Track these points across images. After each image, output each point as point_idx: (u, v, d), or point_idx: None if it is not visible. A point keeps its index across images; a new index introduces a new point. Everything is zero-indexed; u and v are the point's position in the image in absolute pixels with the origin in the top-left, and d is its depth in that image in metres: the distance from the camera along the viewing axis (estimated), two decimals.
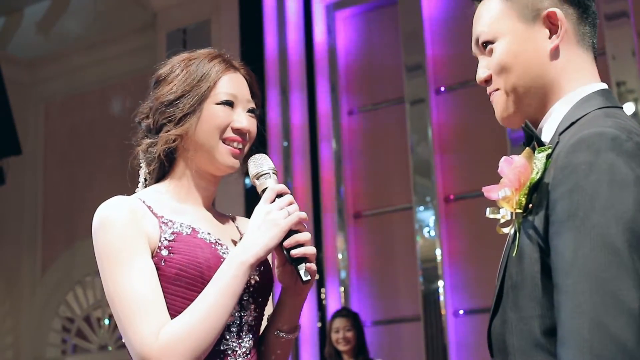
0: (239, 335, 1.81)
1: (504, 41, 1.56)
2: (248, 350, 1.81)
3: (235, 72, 1.95)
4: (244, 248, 1.74)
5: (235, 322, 1.81)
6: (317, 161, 6.53)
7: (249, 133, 1.90)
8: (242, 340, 1.81)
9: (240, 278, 1.72)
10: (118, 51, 8.17)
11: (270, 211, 1.76)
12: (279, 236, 1.74)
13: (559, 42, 1.54)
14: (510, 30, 1.55)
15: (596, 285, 1.27)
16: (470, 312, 5.92)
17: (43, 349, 8.35)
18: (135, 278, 1.71)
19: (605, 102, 1.50)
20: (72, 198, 8.20)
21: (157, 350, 1.65)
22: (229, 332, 1.79)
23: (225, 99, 1.88)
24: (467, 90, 6.19)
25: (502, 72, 1.56)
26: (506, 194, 1.44)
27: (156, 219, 1.80)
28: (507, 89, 1.56)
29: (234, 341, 1.80)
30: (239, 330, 1.81)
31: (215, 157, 1.87)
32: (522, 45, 1.55)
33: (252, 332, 1.83)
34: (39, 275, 8.41)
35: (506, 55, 1.55)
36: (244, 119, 1.89)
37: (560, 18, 1.53)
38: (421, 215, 6.12)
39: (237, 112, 1.90)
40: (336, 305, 6.20)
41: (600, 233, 1.29)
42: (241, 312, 1.82)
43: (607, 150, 1.33)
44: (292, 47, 6.76)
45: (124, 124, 8.41)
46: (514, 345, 1.42)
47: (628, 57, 5.54)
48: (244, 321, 1.82)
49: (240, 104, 1.91)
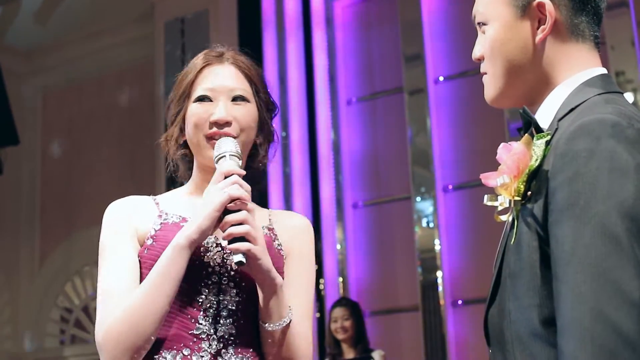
0: (215, 320, 1.77)
1: (493, 26, 1.54)
2: (228, 334, 1.77)
3: (221, 64, 1.92)
4: (181, 231, 1.75)
5: (212, 307, 1.77)
6: (315, 151, 6.52)
7: (235, 121, 1.87)
8: (219, 324, 1.77)
9: (176, 260, 1.72)
10: (116, 41, 8.15)
11: (209, 192, 1.75)
12: (212, 215, 1.71)
13: (546, 34, 1.50)
14: (499, 16, 1.53)
15: (597, 275, 1.25)
16: (469, 302, 5.92)
17: (42, 339, 8.35)
18: (109, 272, 1.79)
19: (605, 87, 1.47)
20: (70, 188, 8.19)
21: (101, 336, 1.72)
22: (204, 317, 1.77)
23: (200, 95, 1.89)
24: (465, 80, 6.17)
25: (490, 54, 1.54)
26: (504, 181, 1.41)
27: (157, 212, 1.86)
28: (496, 74, 1.54)
29: (210, 326, 1.76)
30: (216, 315, 1.77)
31: (202, 154, 1.88)
32: (509, 34, 1.52)
33: (233, 317, 1.78)
34: (37, 265, 8.41)
35: (493, 41, 1.53)
36: (222, 109, 1.86)
37: (549, 9, 1.49)
38: (420, 206, 6.12)
39: (216, 104, 1.88)
40: (335, 295, 6.20)
41: (601, 222, 1.27)
42: (219, 296, 1.78)
43: (607, 137, 1.31)
44: (290, 37, 6.74)
45: (122, 114, 8.40)
46: (512, 334, 1.40)
47: (627, 47, 5.53)
48: (222, 306, 1.78)
49: (220, 94, 1.88)
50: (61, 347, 8.39)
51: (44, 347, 8.34)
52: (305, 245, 1.94)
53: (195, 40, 6.98)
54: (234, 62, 1.93)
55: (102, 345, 1.72)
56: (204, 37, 6.88)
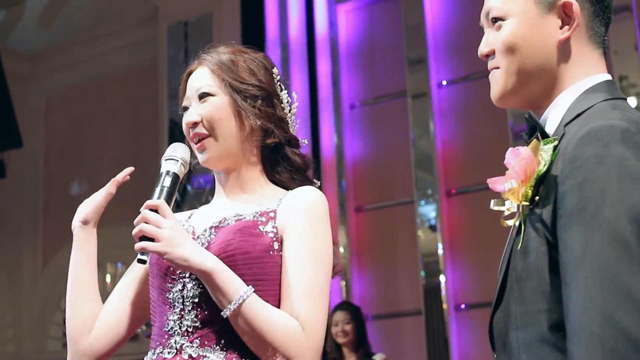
0: (181, 315, 1.77)
1: (514, 21, 1.51)
2: (192, 327, 1.75)
3: (198, 68, 1.97)
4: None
5: (178, 301, 1.78)
6: (318, 155, 6.52)
7: (204, 120, 1.89)
8: (184, 318, 1.77)
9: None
10: (119, 44, 8.15)
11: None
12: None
13: (569, 34, 1.50)
14: (523, 12, 1.51)
15: (607, 280, 1.25)
16: (472, 307, 5.91)
17: (44, 342, 8.35)
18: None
19: (610, 93, 1.48)
20: (73, 191, 8.20)
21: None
22: (172, 312, 1.78)
23: (183, 105, 1.95)
24: (468, 85, 6.17)
25: (507, 52, 1.52)
26: (512, 185, 1.41)
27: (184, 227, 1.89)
28: (510, 70, 1.52)
29: (176, 320, 1.77)
30: (181, 309, 1.78)
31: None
32: (532, 30, 1.50)
33: (197, 309, 1.76)
34: (40, 268, 8.41)
35: (514, 36, 1.51)
36: (189, 114, 1.92)
37: (575, 10, 1.49)
38: (423, 209, 6.11)
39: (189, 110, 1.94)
40: (337, 299, 6.20)
41: (611, 227, 1.27)
42: (183, 290, 1.78)
43: (617, 143, 1.31)
44: (294, 41, 6.74)
45: (125, 117, 8.38)
46: (519, 339, 1.39)
47: (630, 52, 5.53)
48: (186, 299, 1.78)
49: (192, 99, 1.93)
50: (63, 350, 8.34)
51: (46, 350, 8.34)
52: (300, 222, 1.81)
53: (199, 43, 6.92)
54: (206, 64, 1.96)
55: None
56: (207, 41, 6.80)
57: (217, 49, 2.00)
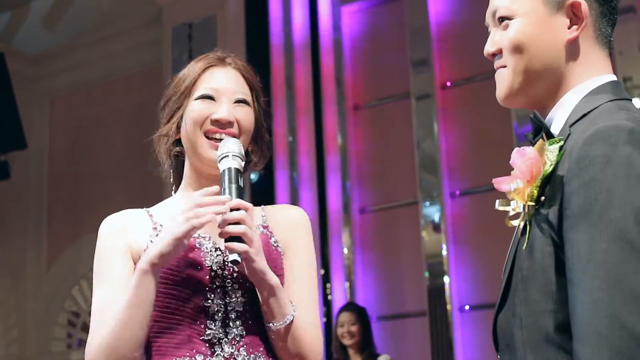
0: (224, 323, 1.79)
1: (522, 20, 1.51)
2: (239, 336, 1.79)
3: (223, 66, 1.95)
4: (146, 253, 1.76)
5: (220, 310, 1.79)
6: (322, 156, 6.52)
7: (238, 123, 1.89)
8: (230, 327, 1.79)
9: (142, 285, 1.73)
10: (124, 46, 8.16)
11: (174, 217, 1.76)
12: (173, 244, 1.72)
13: (577, 34, 1.50)
14: (531, 11, 1.50)
15: (614, 281, 1.25)
16: (476, 308, 5.91)
17: (48, 343, 8.36)
18: (102, 290, 1.83)
19: (616, 94, 1.47)
20: (77, 192, 8.20)
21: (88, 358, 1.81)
22: (212, 321, 1.78)
23: (203, 94, 1.90)
24: (473, 86, 6.17)
25: (515, 51, 1.51)
26: (518, 185, 1.41)
27: (151, 225, 1.87)
28: (517, 69, 1.51)
29: (219, 329, 1.78)
30: (224, 318, 1.79)
31: (198, 151, 1.89)
32: (540, 29, 1.50)
33: (242, 319, 1.80)
34: (44, 269, 8.42)
35: (522, 34, 1.50)
36: (225, 109, 1.88)
37: (584, 10, 1.49)
38: (427, 211, 6.11)
39: (219, 104, 1.89)
40: (342, 300, 6.20)
41: (618, 227, 1.27)
42: (225, 299, 1.80)
43: (624, 143, 1.31)
44: (298, 42, 6.75)
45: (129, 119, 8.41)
46: (524, 340, 1.39)
47: (635, 53, 5.53)
48: (230, 308, 1.80)
49: (224, 95, 1.90)
50: (68, 351, 8.39)
51: (50, 351, 8.35)
52: (302, 239, 1.93)
53: (203, 45, 6.98)
54: (236, 67, 1.96)
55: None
56: (212, 42, 6.89)
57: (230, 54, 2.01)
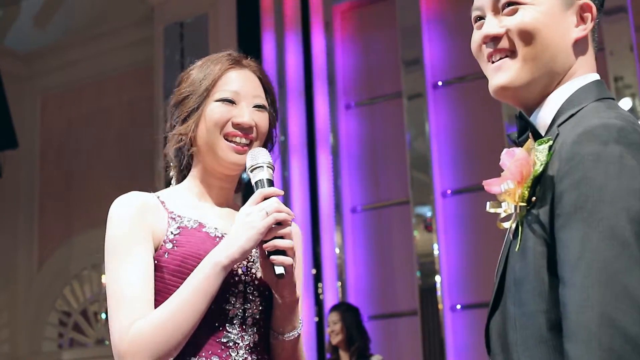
0: (242, 328, 1.80)
1: (538, 8, 1.48)
2: (252, 343, 1.81)
3: (242, 69, 1.95)
4: (220, 249, 1.75)
5: (238, 315, 1.80)
6: (314, 156, 6.52)
7: (256, 128, 1.90)
8: (246, 333, 1.80)
9: (213, 278, 1.72)
10: (115, 44, 8.15)
11: (250, 213, 1.75)
12: (255, 239, 1.72)
13: (585, 34, 1.51)
14: (547, 1, 1.49)
15: (605, 279, 1.24)
16: (468, 307, 5.92)
17: (40, 342, 8.34)
18: (126, 271, 1.76)
19: (601, 93, 1.48)
20: (69, 191, 8.18)
21: (126, 343, 1.69)
22: (231, 325, 1.79)
23: (224, 96, 1.90)
24: (464, 85, 6.18)
25: (526, 36, 1.48)
26: (509, 187, 1.40)
27: (167, 214, 1.85)
28: (527, 57, 1.48)
29: (236, 334, 1.79)
30: (242, 323, 1.80)
31: (217, 154, 1.89)
32: (553, 21, 1.48)
33: (257, 326, 1.83)
34: (36, 269, 8.40)
35: (537, 21, 1.47)
36: (246, 113, 1.89)
37: (593, 12, 1.50)
38: (418, 210, 6.12)
39: (240, 108, 1.90)
40: (333, 299, 6.20)
41: (609, 225, 1.26)
42: (244, 305, 1.81)
43: (614, 141, 1.31)
44: (289, 42, 6.75)
45: (120, 118, 8.39)
46: (517, 340, 1.39)
47: (626, 53, 5.54)
48: (247, 314, 1.81)
49: (244, 99, 1.91)
50: (59, 350, 8.37)
51: (42, 351, 8.33)
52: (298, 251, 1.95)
53: (195, 44, 6.97)
54: (254, 70, 1.97)
55: (126, 354, 1.69)
56: (203, 41, 6.88)
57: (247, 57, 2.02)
